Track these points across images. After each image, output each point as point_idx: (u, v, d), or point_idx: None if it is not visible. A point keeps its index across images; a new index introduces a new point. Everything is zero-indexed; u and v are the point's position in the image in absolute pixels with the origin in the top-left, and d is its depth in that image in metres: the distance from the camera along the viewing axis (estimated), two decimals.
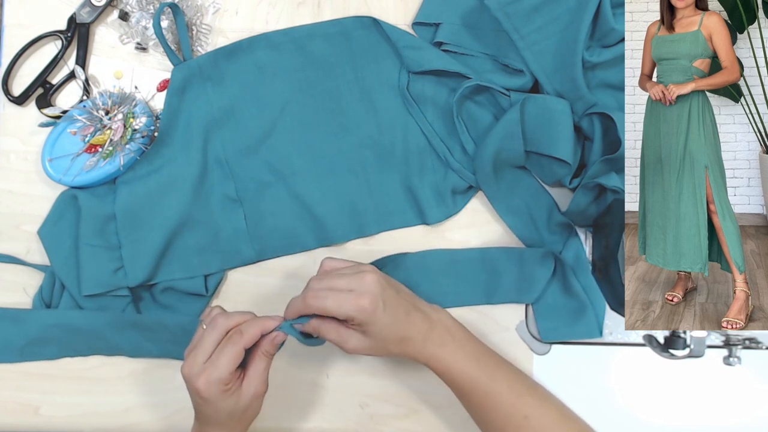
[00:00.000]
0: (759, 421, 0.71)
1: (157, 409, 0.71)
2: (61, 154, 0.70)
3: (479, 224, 0.74)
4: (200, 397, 0.57)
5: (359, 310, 0.56)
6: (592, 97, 0.69)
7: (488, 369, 0.61)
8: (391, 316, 0.58)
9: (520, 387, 0.62)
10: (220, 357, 0.56)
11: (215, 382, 0.56)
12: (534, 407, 0.61)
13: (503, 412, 0.61)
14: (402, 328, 0.59)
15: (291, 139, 0.72)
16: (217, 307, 0.61)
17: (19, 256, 0.72)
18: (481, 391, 0.61)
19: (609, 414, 0.71)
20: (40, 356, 0.70)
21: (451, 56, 0.72)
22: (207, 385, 0.56)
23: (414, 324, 0.60)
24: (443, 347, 0.60)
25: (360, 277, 0.58)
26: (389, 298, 0.58)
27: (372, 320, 0.57)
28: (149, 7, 0.72)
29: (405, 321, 0.59)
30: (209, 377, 0.56)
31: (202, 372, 0.56)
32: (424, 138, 0.73)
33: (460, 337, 0.62)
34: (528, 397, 0.62)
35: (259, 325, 0.58)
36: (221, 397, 0.57)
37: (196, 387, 0.56)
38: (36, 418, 0.71)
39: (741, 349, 0.55)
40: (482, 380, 0.61)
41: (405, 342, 0.59)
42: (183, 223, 0.70)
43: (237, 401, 0.58)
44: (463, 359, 0.61)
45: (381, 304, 0.57)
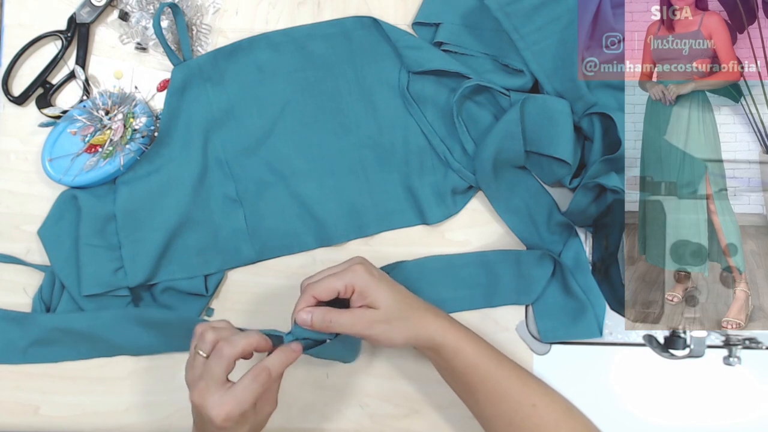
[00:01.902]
0: (759, 421, 0.71)
1: (156, 409, 0.71)
2: (61, 154, 0.70)
3: (479, 224, 0.74)
4: (216, 426, 0.55)
5: (354, 275, 0.59)
6: (592, 97, 0.69)
7: (495, 356, 0.62)
8: (389, 285, 0.60)
9: (526, 376, 0.62)
10: (246, 394, 0.54)
11: (237, 415, 0.54)
12: (541, 396, 0.61)
13: (512, 401, 0.60)
14: (406, 297, 0.60)
15: (291, 139, 0.72)
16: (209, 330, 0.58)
17: (19, 256, 0.72)
18: (492, 377, 0.60)
19: (609, 414, 0.71)
20: (43, 358, 0.70)
21: (451, 56, 0.72)
22: (226, 418, 0.54)
23: (417, 300, 0.61)
24: (453, 327, 0.61)
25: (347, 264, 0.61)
26: (382, 275, 0.61)
27: (372, 284, 0.59)
28: (149, 7, 0.72)
29: (406, 293, 0.61)
30: (231, 411, 0.54)
31: (222, 404, 0.54)
32: (424, 138, 0.73)
33: (462, 327, 0.62)
34: (534, 386, 0.61)
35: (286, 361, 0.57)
36: (238, 425, 0.55)
37: (212, 418, 0.54)
38: (36, 418, 0.71)
39: (741, 349, 0.55)
40: (492, 366, 0.60)
41: (417, 311, 0.60)
42: (183, 223, 0.70)
43: (252, 424, 0.57)
44: (473, 343, 0.61)
45: (374, 271, 0.60)
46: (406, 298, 0.61)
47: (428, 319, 0.61)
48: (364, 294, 0.59)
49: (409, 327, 0.60)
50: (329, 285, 0.59)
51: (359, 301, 0.60)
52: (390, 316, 0.59)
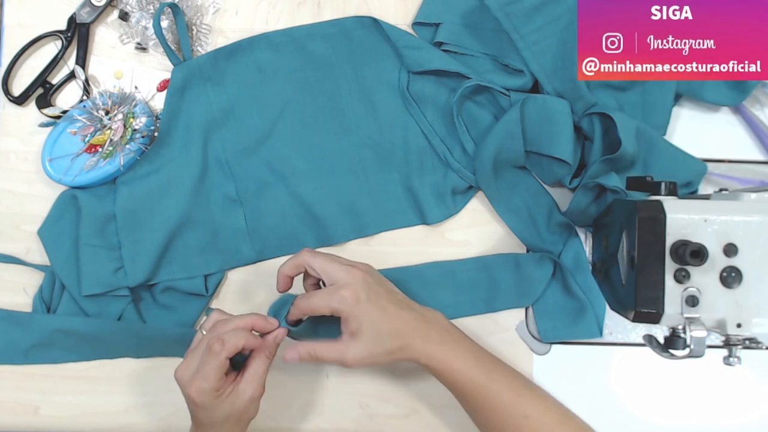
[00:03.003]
0: (759, 421, 0.71)
1: (156, 410, 0.71)
2: (61, 154, 0.70)
3: (479, 224, 0.74)
4: (193, 403, 0.57)
5: (340, 300, 0.58)
6: (592, 97, 0.69)
7: (487, 367, 0.61)
8: (378, 309, 0.58)
9: (519, 386, 0.62)
10: (205, 367, 0.56)
11: (206, 390, 0.56)
12: (534, 406, 0.61)
13: (504, 412, 0.60)
14: (393, 323, 0.59)
15: (291, 139, 0.72)
16: (217, 311, 0.61)
17: (19, 256, 0.72)
18: (482, 390, 0.60)
19: (609, 414, 0.71)
20: (44, 359, 0.70)
21: (451, 56, 0.72)
22: (199, 393, 0.56)
23: (407, 321, 0.60)
24: (443, 345, 0.60)
25: (348, 270, 0.60)
26: (374, 293, 0.59)
27: (356, 312, 0.58)
28: (149, 7, 0.72)
29: (395, 316, 0.59)
30: (200, 386, 0.56)
31: (192, 380, 0.57)
32: (424, 138, 0.73)
33: (457, 336, 0.62)
34: (528, 396, 0.61)
35: (243, 335, 0.58)
36: (214, 403, 0.57)
37: (189, 394, 0.57)
38: (36, 418, 0.71)
39: (741, 349, 0.55)
40: (482, 379, 0.60)
41: (402, 338, 0.59)
42: (183, 223, 0.70)
43: (232, 405, 0.58)
44: (462, 357, 0.61)
45: (363, 295, 0.58)
46: (393, 322, 0.59)
47: (414, 344, 0.59)
48: (347, 321, 0.58)
49: (396, 348, 0.59)
50: (315, 307, 0.59)
51: (343, 325, 0.59)
52: (374, 342, 0.58)
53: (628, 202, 0.58)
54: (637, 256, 0.55)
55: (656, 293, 0.55)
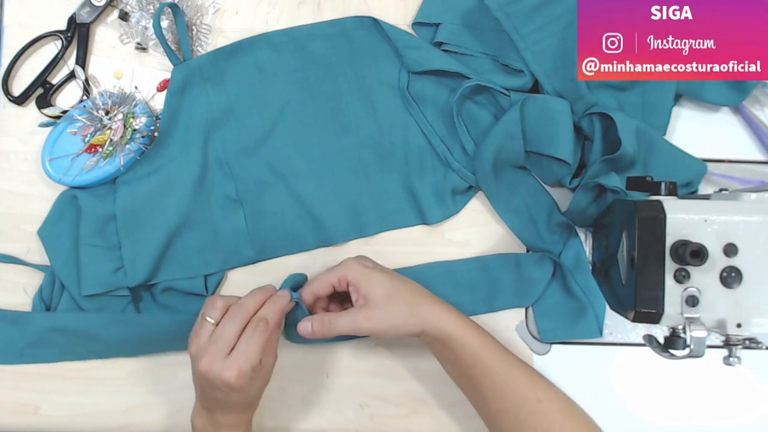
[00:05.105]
0: (759, 421, 0.71)
1: (156, 409, 0.71)
2: (61, 154, 0.70)
3: (479, 224, 0.74)
4: (230, 388, 0.56)
5: (347, 267, 0.61)
6: (592, 97, 0.69)
7: (500, 350, 0.61)
8: (386, 274, 0.61)
9: (531, 371, 0.61)
10: (251, 346, 0.57)
11: (248, 370, 0.56)
12: (546, 392, 0.60)
13: (518, 395, 0.59)
14: (405, 284, 0.61)
15: (291, 139, 0.72)
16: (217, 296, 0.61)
17: (19, 256, 0.72)
18: (498, 370, 0.59)
19: (609, 414, 0.71)
20: (39, 359, 0.70)
21: (451, 56, 0.72)
22: (239, 375, 0.56)
23: (419, 289, 0.61)
24: (458, 318, 0.60)
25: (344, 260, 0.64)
26: (378, 266, 0.63)
27: (365, 275, 0.60)
28: (149, 7, 0.72)
29: (404, 281, 0.61)
30: (242, 367, 0.56)
31: (231, 364, 0.56)
32: (424, 138, 0.73)
33: (468, 319, 0.62)
34: (540, 381, 0.61)
35: (280, 307, 0.60)
36: (251, 381, 0.57)
37: (225, 379, 0.56)
38: (36, 418, 0.71)
39: (741, 349, 0.55)
40: (497, 359, 0.60)
41: (417, 304, 0.59)
42: (183, 223, 0.70)
43: (263, 378, 0.59)
44: (476, 332, 0.60)
45: (369, 263, 0.62)
46: (405, 284, 0.61)
47: (434, 307, 0.60)
48: (357, 285, 0.59)
49: (412, 312, 0.59)
50: (323, 278, 0.62)
51: (355, 294, 0.61)
52: (387, 303, 0.59)
53: (628, 202, 0.58)
54: (637, 256, 0.55)
55: (656, 293, 0.55)
